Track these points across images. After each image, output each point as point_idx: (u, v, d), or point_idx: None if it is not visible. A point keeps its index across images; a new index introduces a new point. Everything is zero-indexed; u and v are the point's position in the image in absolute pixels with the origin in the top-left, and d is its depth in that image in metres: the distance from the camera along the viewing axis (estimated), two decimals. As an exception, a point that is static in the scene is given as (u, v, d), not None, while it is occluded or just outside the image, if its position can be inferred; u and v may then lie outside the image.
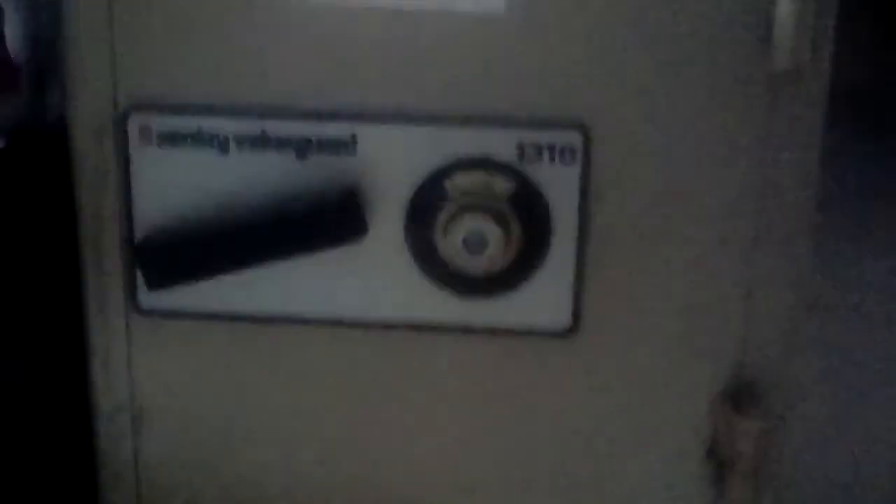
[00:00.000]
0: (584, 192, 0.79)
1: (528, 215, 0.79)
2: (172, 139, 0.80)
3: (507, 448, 0.85)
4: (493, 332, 0.82)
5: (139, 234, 0.82)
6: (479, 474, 0.86)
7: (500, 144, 0.78)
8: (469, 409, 0.85)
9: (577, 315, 0.82)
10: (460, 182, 0.79)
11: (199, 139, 0.80)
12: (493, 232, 0.78)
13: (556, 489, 0.86)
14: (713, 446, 0.84)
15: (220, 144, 0.80)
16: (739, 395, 0.82)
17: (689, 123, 0.78)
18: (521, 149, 0.78)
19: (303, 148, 0.79)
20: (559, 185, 0.79)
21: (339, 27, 0.77)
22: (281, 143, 0.79)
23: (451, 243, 0.79)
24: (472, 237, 0.78)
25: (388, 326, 0.83)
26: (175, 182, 0.81)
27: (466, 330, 0.82)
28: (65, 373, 0.90)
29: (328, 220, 0.79)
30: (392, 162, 0.79)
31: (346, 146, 0.79)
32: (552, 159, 0.78)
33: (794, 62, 0.74)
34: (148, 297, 0.83)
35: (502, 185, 0.78)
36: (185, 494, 0.88)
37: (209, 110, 0.79)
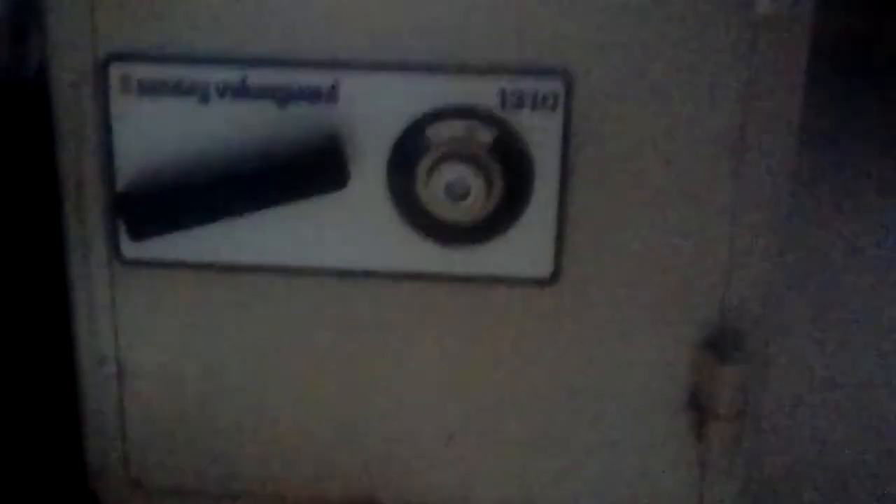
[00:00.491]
0: (566, 140, 0.79)
1: (510, 163, 0.79)
2: (153, 88, 0.80)
3: (487, 396, 0.86)
4: (474, 280, 0.82)
5: (120, 184, 0.81)
6: (459, 421, 0.87)
7: (481, 92, 0.78)
8: (450, 356, 0.85)
9: (558, 263, 0.82)
10: (442, 130, 0.79)
11: (179, 88, 0.79)
12: (474, 180, 0.78)
13: (537, 436, 0.86)
14: (694, 393, 0.84)
15: (201, 93, 0.79)
16: (721, 343, 0.83)
17: (670, 70, 0.77)
18: (502, 96, 0.78)
19: (284, 97, 0.79)
20: (541, 133, 0.78)
21: (319, -25, 0.77)
22: (262, 92, 0.79)
23: (432, 192, 0.79)
24: (454, 185, 0.78)
25: (369, 275, 0.83)
26: (156, 132, 0.80)
27: (448, 278, 0.83)
28: (47, 326, 0.89)
29: (309, 168, 0.79)
30: (373, 110, 0.79)
31: (327, 95, 0.79)
32: (534, 107, 0.78)
33: (776, 7, 0.74)
34: (130, 247, 0.83)
35: (484, 133, 0.78)
36: (169, 445, 0.89)
37: (190, 59, 0.79)
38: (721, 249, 0.81)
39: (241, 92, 0.79)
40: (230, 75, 0.79)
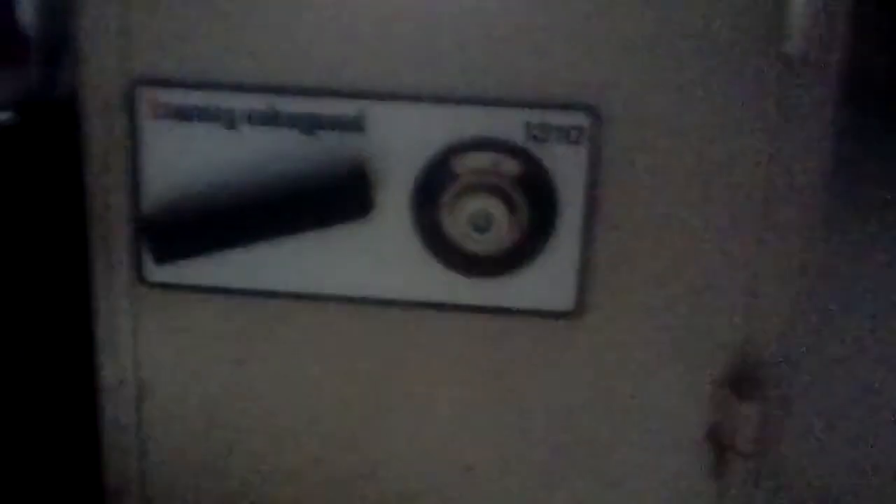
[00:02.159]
0: (591, 174, 0.79)
1: (535, 196, 0.79)
2: (182, 114, 0.80)
3: (509, 427, 0.86)
4: (497, 311, 0.83)
5: (147, 207, 0.82)
6: (480, 452, 0.87)
7: (508, 124, 0.78)
8: (471, 387, 0.85)
9: (581, 297, 0.82)
10: (468, 161, 0.79)
11: (208, 114, 0.80)
12: (499, 212, 0.78)
13: (557, 468, 0.86)
14: (714, 429, 0.84)
15: (229, 120, 0.80)
16: (741, 380, 0.82)
17: (698, 106, 0.78)
18: (529, 129, 0.78)
19: (312, 125, 0.80)
20: (566, 166, 0.79)
21: (350, 6, 0.78)
22: (290, 120, 0.80)
23: (457, 222, 0.79)
24: (479, 217, 0.78)
25: (392, 304, 0.83)
26: (183, 156, 0.81)
27: (471, 309, 0.83)
28: (70, 346, 0.90)
29: (336, 196, 0.79)
30: (401, 140, 0.79)
31: (355, 124, 0.79)
32: (560, 140, 0.78)
33: (807, 48, 0.74)
34: (154, 271, 0.83)
35: (510, 165, 0.79)
36: (186, 467, 0.89)
37: (219, 85, 0.80)
38: (744, 286, 0.81)
39: (269, 119, 0.80)
40: (258, 103, 0.79)
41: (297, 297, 0.83)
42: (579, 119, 0.78)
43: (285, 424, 0.87)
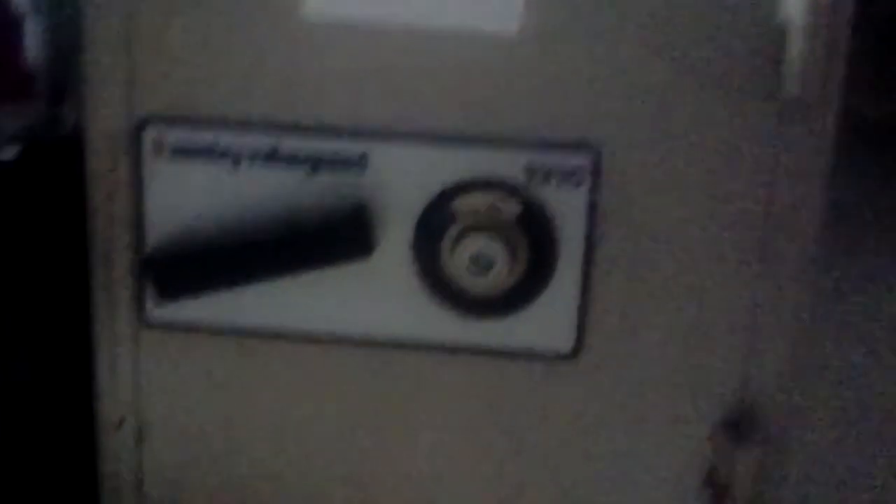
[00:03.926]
0: (591, 216, 0.79)
1: (535, 237, 0.79)
2: (185, 152, 0.81)
3: (506, 469, 0.86)
4: (496, 353, 0.83)
5: (149, 245, 0.82)
6: (478, 494, 0.86)
7: (508, 166, 0.79)
8: (469, 429, 0.85)
9: (580, 338, 0.82)
10: (468, 202, 0.79)
11: (211, 153, 0.81)
12: (499, 253, 0.78)
13: (555, 511, 0.86)
14: (711, 472, 0.84)
15: (233, 159, 0.80)
16: (739, 423, 0.82)
17: (697, 149, 0.78)
18: (529, 170, 0.79)
19: (313, 164, 0.80)
20: (566, 208, 0.79)
21: (352, 46, 0.78)
22: (292, 159, 0.80)
23: (457, 263, 0.79)
24: (479, 257, 0.79)
25: (392, 345, 0.83)
26: (186, 195, 0.81)
27: (470, 350, 0.83)
28: (71, 383, 0.90)
29: (336, 236, 0.80)
30: (401, 180, 0.80)
31: (356, 164, 0.80)
32: (560, 182, 0.79)
33: (805, 93, 0.75)
34: (156, 309, 0.83)
35: (510, 206, 0.79)
36: (185, 505, 0.89)
37: (222, 125, 0.80)
38: (743, 330, 0.81)
39: (272, 158, 0.80)
40: (261, 142, 0.80)
41: (297, 336, 0.84)
42: (580, 161, 0.78)
43: (284, 464, 0.87)
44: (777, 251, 0.80)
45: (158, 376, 0.86)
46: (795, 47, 0.74)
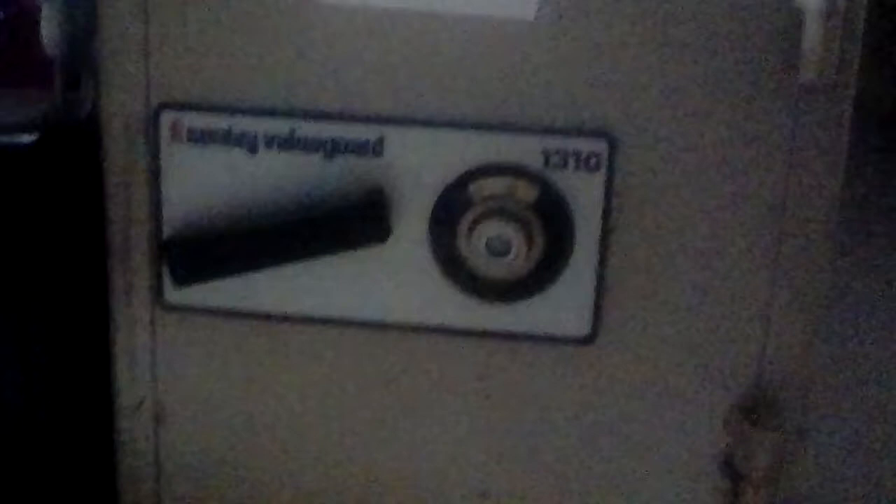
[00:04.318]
0: (608, 201, 0.79)
1: (552, 222, 0.79)
2: (202, 137, 0.81)
3: (523, 453, 0.86)
4: (512, 337, 0.83)
5: (166, 230, 0.82)
6: (494, 478, 0.87)
7: (525, 150, 0.79)
8: (486, 412, 0.85)
9: (596, 323, 0.82)
10: (485, 187, 0.79)
11: (228, 138, 0.81)
12: (515, 237, 0.79)
13: (571, 495, 0.86)
14: (728, 458, 0.84)
15: (249, 143, 0.81)
16: (756, 407, 0.82)
17: (714, 134, 0.78)
18: (546, 155, 0.79)
19: (330, 149, 0.80)
20: (583, 193, 0.79)
21: (369, 30, 0.78)
22: (309, 144, 0.80)
23: (473, 248, 0.79)
24: (495, 242, 0.79)
25: (408, 329, 0.83)
26: (203, 179, 0.81)
27: (486, 334, 0.83)
28: (88, 367, 0.90)
29: (353, 221, 0.80)
30: (418, 165, 0.80)
31: (373, 148, 0.80)
32: (577, 166, 0.79)
33: (821, 76, 0.75)
34: (173, 293, 0.84)
35: (526, 190, 0.79)
36: (203, 488, 0.89)
37: (239, 109, 0.80)
38: (759, 314, 0.81)
39: (289, 143, 0.80)
40: (278, 127, 0.80)
41: (314, 320, 0.84)
42: (597, 146, 0.78)
43: (301, 447, 0.87)
44: (794, 235, 0.79)
45: (176, 359, 0.86)
46: (811, 32, 0.74)
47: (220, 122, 0.80)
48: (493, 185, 0.79)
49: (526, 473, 0.86)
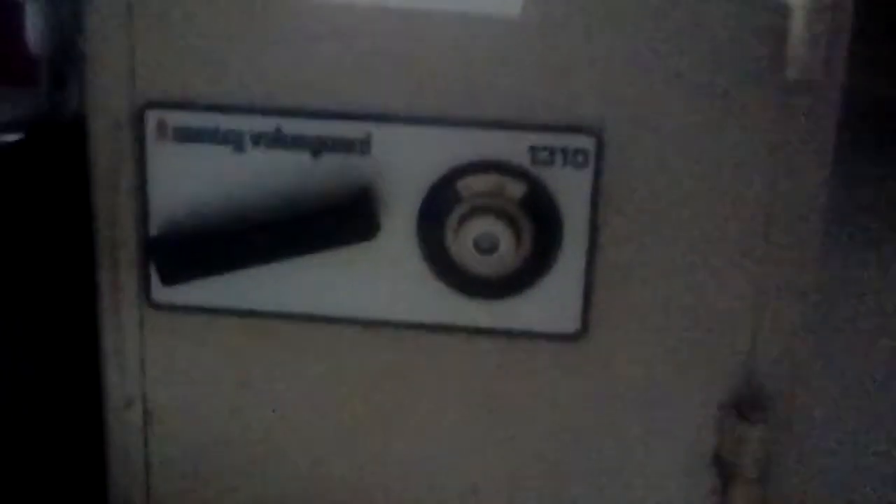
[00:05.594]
0: (596, 197, 0.79)
1: (539, 218, 0.79)
2: (188, 135, 0.81)
3: (512, 450, 0.86)
4: (501, 334, 0.83)
5: (154, 228, 0.82)
6: (485, 474, 0.87)
7: (512, 147, 0.79)
8: (475, 410, 0.85)
9: (585, 319, 0.82)
10: (472, 184, 0.79)
11: (215, 136, 0.80)
12: (503, 234, 0.78)
13: (562, 490, 0.86)
14: (718, 453, 0.84)
15: (236, 141, 0.80)
16: (745, 403, 0.82)
17: (701, 130, 0.78)
18: (533, 152, 0.79)
19: (317, 147, 0.80)
20: (571, 189, 0.79)
21: (355, 28, 0.78)
22: (296, 142, 0.80)
23: (462, 244, 0.79)
24: (483, 239, 0.79)
25: (397, 326, 0.83)
26: (190, 178, 0.81)
27: (475, 331, 0.83)
28: (76, 367, 0.90)
29: (341, 218, 0.80)
30: (405, 162, 0.80)
31: (360, 146, 0.80)
32: (564, 163, 0.79)
33: (807, 74, 0.75)
34: (161, 292, 0.83)
35: (514, 187, 0.79)
36: (193, 487, 0.89)
37: (226, 107, 0.80)
38: (748, 309, 0.81)
39: (276, 141, 0.80)
40: (265, 124, 0.80)
41: (303, 318, 0.84)
42: (584, 142, 0.78)
43: (291, 445, 0.87)
44: (782, 231, 0.79)
45: (165, 358, 0.86)
46: (798, 27, 0.74)
47: (206, 121, 0.80)
48: (480, 183, 0.79)
49: (516, 468, 0.86)
